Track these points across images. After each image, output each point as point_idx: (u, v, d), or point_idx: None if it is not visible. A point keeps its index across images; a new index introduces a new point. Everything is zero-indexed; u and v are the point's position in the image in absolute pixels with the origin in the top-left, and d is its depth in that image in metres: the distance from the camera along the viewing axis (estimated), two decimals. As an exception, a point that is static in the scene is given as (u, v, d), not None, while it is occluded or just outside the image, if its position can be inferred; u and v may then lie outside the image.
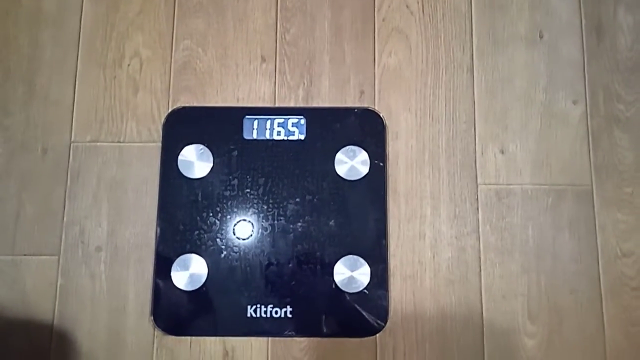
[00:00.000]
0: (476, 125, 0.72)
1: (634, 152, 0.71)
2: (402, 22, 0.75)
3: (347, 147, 0.70)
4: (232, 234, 0.68)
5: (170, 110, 0.72)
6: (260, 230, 0.68)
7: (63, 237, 0.69)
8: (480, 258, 0.69)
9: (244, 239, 0.68)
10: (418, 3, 0.75)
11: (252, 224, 0.68)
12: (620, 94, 0.73)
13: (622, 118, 0.72)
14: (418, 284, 0.68)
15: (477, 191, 0.71)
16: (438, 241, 0.69)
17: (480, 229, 0.69)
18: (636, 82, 0.74)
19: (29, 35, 0.74)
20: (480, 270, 0.68)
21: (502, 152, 0.72)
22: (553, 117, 0.72)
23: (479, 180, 0.71)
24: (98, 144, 0.71)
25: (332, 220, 0.68)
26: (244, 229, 0.68)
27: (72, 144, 0.71)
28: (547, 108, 0.72)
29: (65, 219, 0.69)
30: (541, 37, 0.75)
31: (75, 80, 0.73)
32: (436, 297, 0.67)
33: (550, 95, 0.73)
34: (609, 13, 0.75)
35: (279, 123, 0.71)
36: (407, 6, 0.75)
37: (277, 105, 0.72)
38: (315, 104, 0.72)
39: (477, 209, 0.70)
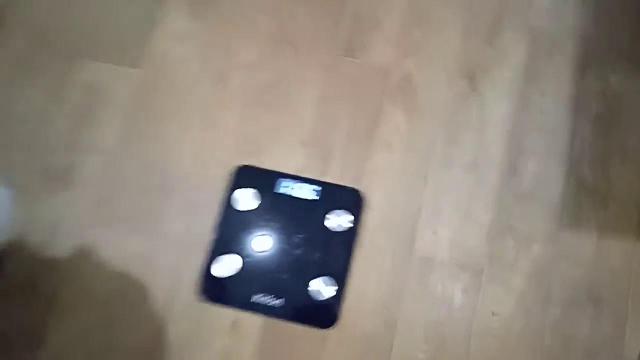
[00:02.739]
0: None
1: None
2: (391, 137, 1.10)
3: (338, 210, 1.05)
4: (256, 243, 1.04)
5: (238, 165, 1.09)
6: (274, 246, 1.04)
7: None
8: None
9: (262, 251, 1.04)
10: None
11: (259, 256, 1.04)
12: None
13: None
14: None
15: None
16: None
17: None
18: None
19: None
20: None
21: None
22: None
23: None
24: (189, 176, 1.09)
25: (318, 253, 1.03)
26: (264, 242, 1.04)
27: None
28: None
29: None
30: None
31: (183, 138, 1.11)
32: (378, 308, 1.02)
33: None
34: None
35: (301, 186, 1.06)
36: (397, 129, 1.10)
37: (302, 175, 1.08)
38: (326, 179, 1.08)
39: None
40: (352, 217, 1.05)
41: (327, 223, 1.05)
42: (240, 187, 1.07)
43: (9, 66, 1.16)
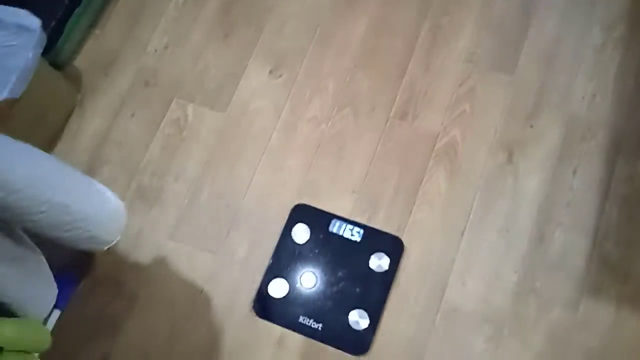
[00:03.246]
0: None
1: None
2: (434, 196, 1.24)
3: (379, 253, 1.18)
4: (306, 273, 1.17)
5: (297, 203, 1.25)
6: (320, 279, 1.17)
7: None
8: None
9: (308, 287, 1.17)
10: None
11: (307, 283, 1.18)
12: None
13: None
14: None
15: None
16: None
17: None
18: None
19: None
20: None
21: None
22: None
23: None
24: (256, 208, 1.25)
25: (358, 288, 1.16)
26: (309, 278, 1.18)
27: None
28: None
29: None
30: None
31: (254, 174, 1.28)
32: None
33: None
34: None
35: (349, 228, 1.21)
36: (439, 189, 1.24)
37: (351, 218, 1.23)
38: (372, 225, 1.22)
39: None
40: (392, 261, 1.19)
41: (370, 264, 1.19)
42: (297, 223, 1.23)
43: (119, 98, 1.39)
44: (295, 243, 1.21)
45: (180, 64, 1.41)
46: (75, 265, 1.23)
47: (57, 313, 1.15)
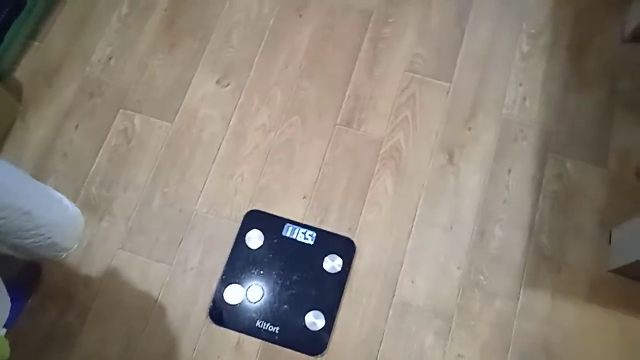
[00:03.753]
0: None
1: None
2: (381, 197, 1.28)
3: (332, 255, 1.21)
4: (267, 279, 1.18)
5: (250, 209, 1.26)
6: (275, 283, 1.18)
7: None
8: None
9: (263, 293, 1.18)
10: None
11: (263, 288, 1.19)
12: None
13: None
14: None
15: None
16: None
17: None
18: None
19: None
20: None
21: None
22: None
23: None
24: (208, 215, 1.25)
25: (313, 290, 1.18)
26: (265, 283, 1.18)
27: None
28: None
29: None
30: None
31: (205, 182, 1.28)
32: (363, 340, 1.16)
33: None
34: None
35: (302, 232, 1.23)
36: (386, 191, 1.28)
37: (303, 222, 1.25)
38: (324, 228, 1.25)
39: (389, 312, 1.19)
40: (344, 262, 1.21)
41: (324, 265, 1.21)
42: (250, 228, 1.23)
43: (64, 109, 1.35)
44: (250, 249, 1.22)
45: (125, 74, 1.39)
46: (23, 281, 1.18)
47: (3, 331, 1.10)
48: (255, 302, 1.18)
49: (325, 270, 1.21)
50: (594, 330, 1.19)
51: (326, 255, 1.22)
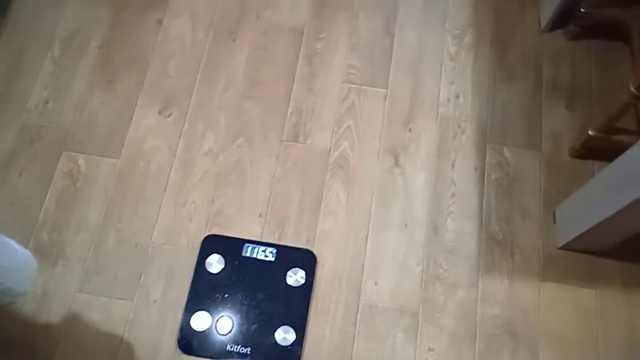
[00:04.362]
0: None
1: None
2: (335, 206, 1.30)
3: (294, 268, 1.21)
4: (232, 301, 1.17)
5: (207, 234, 1.25)
6: (240, 303, 1.17)
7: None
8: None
9: (231, 305, 1.17)
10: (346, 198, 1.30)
11: (229, 311, 1.18)
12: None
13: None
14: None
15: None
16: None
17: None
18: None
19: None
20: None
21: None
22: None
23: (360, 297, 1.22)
24: (165, 246, 1.23)
25: (279, 305, 1.18)
26: (230, 304, 1.17)
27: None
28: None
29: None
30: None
31: (159, 213, 1.26)
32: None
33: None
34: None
35: (262, 250, 1.22)
36: (339, 199, 1.31)
37: (262, 240, 1.25)
38: (283, 243, 1.25)
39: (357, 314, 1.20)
40: (307, 274, 1.22)
41: (288, 280, 1.21)
42: (210, 254, 1.22)
43: (4, 159, 1.31)
44: (211, 273, 1.21)
45: (64, 116, 1.36)
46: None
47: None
48: (223, 327, 1.16)
49: (289, 285, 1.21)
50: (551, 305, 1.24)
51: (288, 270, 1.22)
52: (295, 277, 1.22)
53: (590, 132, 1.29)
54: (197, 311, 1.17)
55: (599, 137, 1.29)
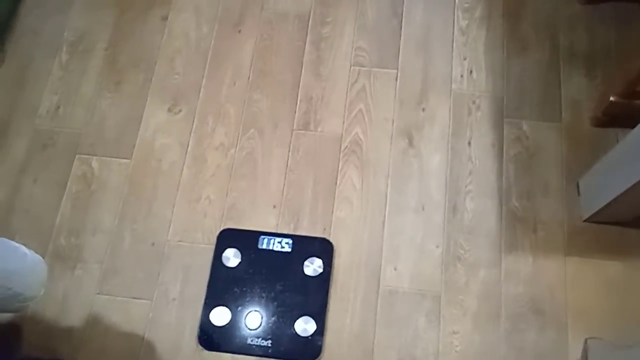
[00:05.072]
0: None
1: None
2: (350, 193, 1.27)
3: (311, 258, 1.19)
4: (251, 295, 1.16)
5: (222, 229, 1.23)
6: (258, 295, 1.16)
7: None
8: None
9: (250, 298, 1.16)
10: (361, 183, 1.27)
11: (248, 304, 1.17)
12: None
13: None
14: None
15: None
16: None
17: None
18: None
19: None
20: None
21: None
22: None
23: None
24: (181, 243, 1.22)
25: (298, 296, 1.16)
26: (251, 299, 1.16)
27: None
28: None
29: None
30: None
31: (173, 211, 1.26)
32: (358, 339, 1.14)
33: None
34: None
35: (277, 241, 1.21)
36: (353, 185, 1.27)
37: (277, 231, 1.23)
38: (298, 233, 1.23)
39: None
40: (325, 263, 1.19)
41: (305, 270, 1.19)
42: (226, 248, 1.21)
43: (18, 166, 1.32)
44: (228, 268, 1.19)
45: (75, 120, 1.36)
46: (5, 345, 1.14)
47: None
48: (242, 320, 1.15)
49: (307, 275, 1.19)
50: (577, 280, 1.19)
51: (305, 260, 1.20)
52: (313, 266, 1.20)
53: (611, 99, 1.23)
54: (216, 306, 1.16)
55: (621, 103, 1.22)
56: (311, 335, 1.14)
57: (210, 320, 1.15)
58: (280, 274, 1.19)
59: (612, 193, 1.12)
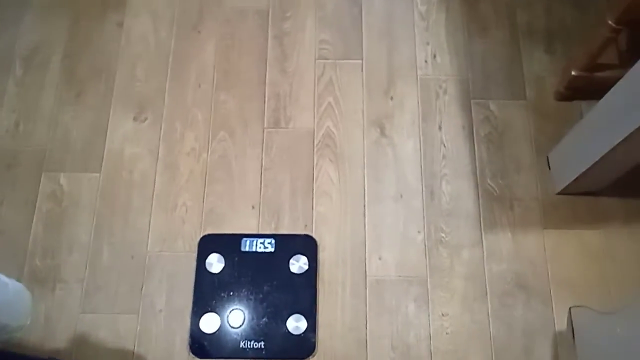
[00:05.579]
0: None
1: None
2: (328, 187, 1.26)
3: (296, 256, 1.19)
4: (239, 298, 1.15)
5: (202, 235, 1.21)
6: (246, 298, 1.15)
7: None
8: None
9: (238, 302, 1.14)
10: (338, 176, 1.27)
11: (237, 308, 1.16)
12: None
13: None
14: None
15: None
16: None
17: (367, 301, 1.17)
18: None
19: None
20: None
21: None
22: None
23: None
24: (162, 253, 1.20)
25: (287, 295, 1.16)
26: (238, 303, 1.15)
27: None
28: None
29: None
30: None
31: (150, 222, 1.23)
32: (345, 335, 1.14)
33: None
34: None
35: (260, 242, 1.20)
36: (330, 179, 1.27)
37: (259, 232, 1.22)
38: (280, 232, 1.22)
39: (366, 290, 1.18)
40: (310, 259, 1.19)
41: (291, 268, 1.19)
42: (208, 254, 1.19)
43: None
44: (213, 274, 1.18)
45: (38, 136, 1.31)
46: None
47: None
48: (232, 325, 1.14)
49: (293, 273, 1.18)
50: (558, 252, 1.22)
51: (290, 258, 1.19)
52: (298, 264, 1.19)
53: (573, 73, 1.26)
54: (204, 313, 1.14)
55: (583, 76, 1.26)
56: (303, 333, 1.14)
57: (200, 328, 1.13)
58: (266, 274, 1.18)
59: (581, 166, 1.15)
